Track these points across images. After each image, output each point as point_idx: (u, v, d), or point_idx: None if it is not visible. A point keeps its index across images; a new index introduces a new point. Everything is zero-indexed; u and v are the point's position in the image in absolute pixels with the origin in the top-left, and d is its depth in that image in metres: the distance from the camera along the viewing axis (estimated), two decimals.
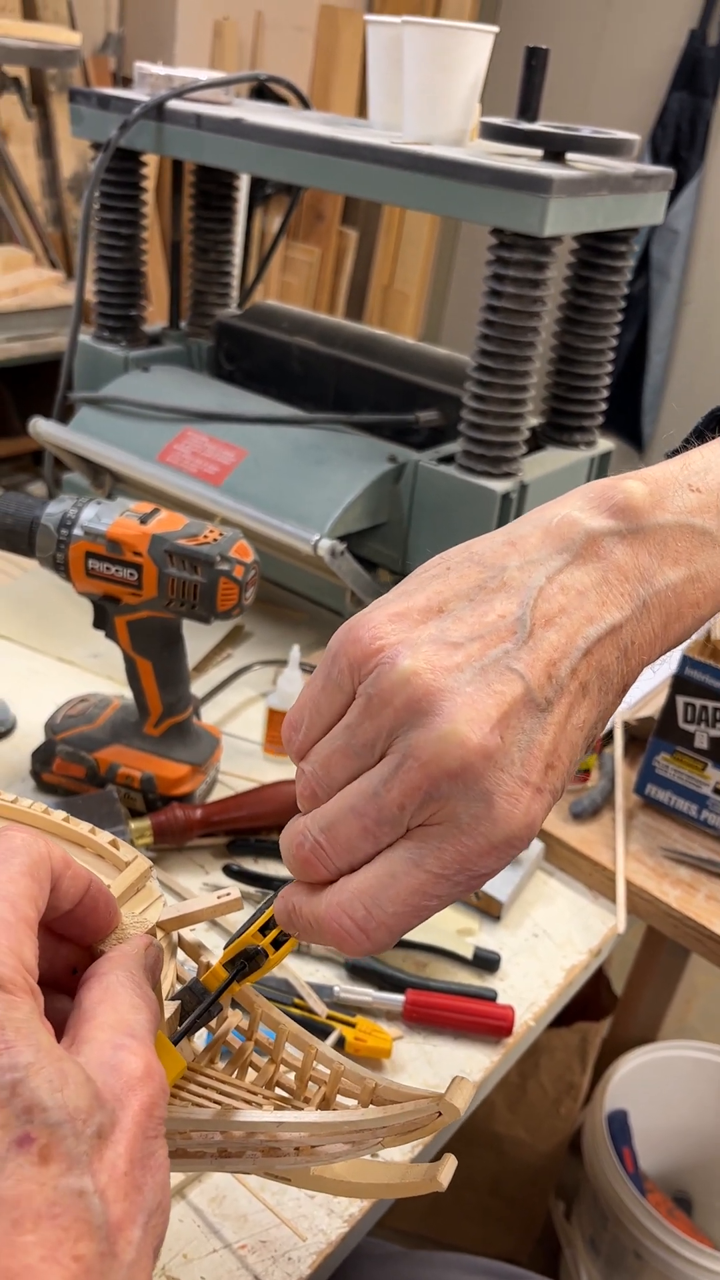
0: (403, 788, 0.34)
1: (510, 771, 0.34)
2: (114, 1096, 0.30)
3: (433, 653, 0.35)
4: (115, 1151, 0.29)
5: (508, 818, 0.34)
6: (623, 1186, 1.17)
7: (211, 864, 0.83)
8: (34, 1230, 0.27)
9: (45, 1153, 0.28)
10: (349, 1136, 0.41)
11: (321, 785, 0.37)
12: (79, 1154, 0.28)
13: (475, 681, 0.34)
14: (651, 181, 1.00)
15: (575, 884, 0.88)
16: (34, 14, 2.78)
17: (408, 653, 0.35)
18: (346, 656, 0.36)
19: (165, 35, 3.04)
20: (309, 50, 3.42)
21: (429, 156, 0.92)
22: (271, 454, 1.08)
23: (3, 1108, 0.28)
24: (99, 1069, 0.31)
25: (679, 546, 0.37)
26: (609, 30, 3.34)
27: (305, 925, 0.37)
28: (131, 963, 0.37)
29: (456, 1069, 0.70)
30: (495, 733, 0.33)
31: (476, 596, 0.36)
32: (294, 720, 0.39)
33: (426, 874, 0.34)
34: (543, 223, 0.88)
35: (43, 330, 2.48)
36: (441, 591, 0.37)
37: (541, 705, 0.34)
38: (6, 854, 0.34)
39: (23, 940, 0.31)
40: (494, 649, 0.35)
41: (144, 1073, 0.31)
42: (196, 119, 1.08)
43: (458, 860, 0.34)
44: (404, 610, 0.36)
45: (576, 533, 0.36)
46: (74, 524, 0.78)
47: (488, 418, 0.98)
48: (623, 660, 0.36)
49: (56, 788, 0.86)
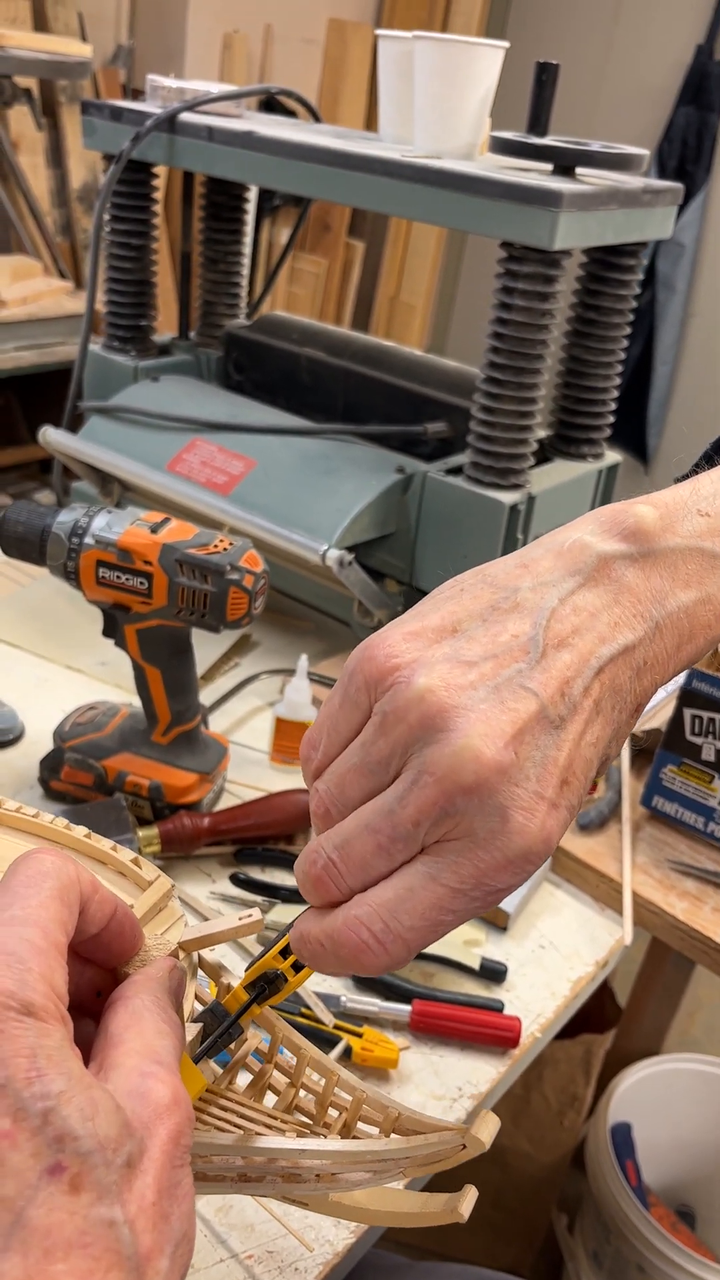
0: (418, 804, 0.34)
1: (525, 787, 0.34)
2: (142, 1125, 0.30)
3: (447, 671, 0.35)
4: (144, 1181, 0.29)
5: (524, 832, 0.34)
6: (626, 1199, 1.16)
7: (219, 873, 0.83)
8: (65, 1260, 0.27)
9: (76, 1182, 0.28)
10: (371, 1165, 0.41)
11: (335, 803, 0.37)
12: (109, 1183, 0.28)
13: (489, 699, 0.34)
14: (660, 196, 1.00)
15: (582, 896, 0.88)
16: (45, 26, 2.80)
17: (423, 671, 0.35)
18: (362, 674, 0.37)
19: (175, 48, 3.06)
20: (317, 63, 3.44)
21: (440, 170, 0.93)
22: (280, 464, 1.08)
23: (34, 1136, 0.28)
24: (127, 1097, 0.31)
25: (690, 569, 0.37)
26: (616, 45, 3.35)
27: (318, 945, 0.36)
28: (157, 986, 0.37)
29: (463, 1080, 0.70)
30: (510, 748, 0.34)
31: (490, 617, 0.36)
32: (312, 739, 0.39)
33: (444, 888, 0.34)
34: (553, 236, 0.88)
35: (51, 339, 2.50)
36: (455, 612, 0.37)
37: (555, 722, 0.35)
38: (38, 877, 0.34)
39: (54, 966, 0.31)
40: (507, 668, 0.35)
41: (171, 1101, 0.31)
42: (208, 131, 1.09)
43: (475, 875, 0.34)
44: (419, 630, 0.37)
45: (588, 556, 0.37)
46: (85, 532, 0.78)
47: (496, 429, 0.98)
48: (636, 680, 0.36)
49: (64, 795, 0.86)
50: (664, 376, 3.40)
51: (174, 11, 3.03)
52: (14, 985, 0.29)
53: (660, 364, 3.36)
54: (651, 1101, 1.31)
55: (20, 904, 0.32)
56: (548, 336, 0.96)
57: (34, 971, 0.30)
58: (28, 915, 0.32)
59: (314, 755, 0.39)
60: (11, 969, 0.30)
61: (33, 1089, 0.28)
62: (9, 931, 0.31)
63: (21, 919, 0.32)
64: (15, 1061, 0.28)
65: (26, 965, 0.30)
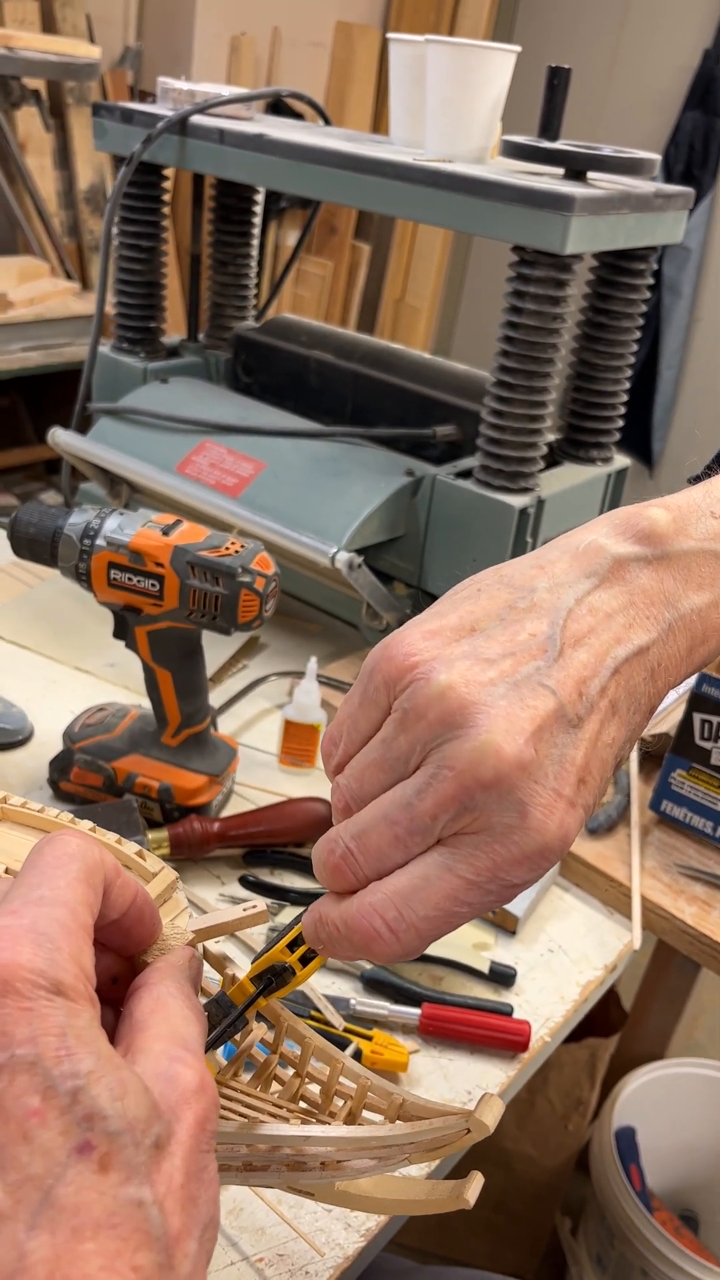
0: (436, 797, 0.34)
1: (544, 784, 0.34)
2: (170, 1108, 0.30)
3: (467, 668, 0.35)
4: (172, 1164, 0.29)
5: (542, 828, 0.34)
6: (630, 1204, 1.16)
7: (228, 875, 0.83)
8: (94, 1239, 0.26)
9: (105, 1161, 0.28)
10: (376, 1152, 0.41)
11: (355, 798, 0.38)
12: (138, 1164, 0.28)
13: (509, 696, 0.35)
14: (671, 200, 1.00)
15: (590, 900, 0.88)
16: (53, 28, 2.80)
17: (442, 668, 0.35)
18: (382, 673, 0.37)
19: (183, 50, 3.06)
20: (324, 66, 3.45)
21: (451, 174, 0.93)
22: (289, 467, 1.08)
23: (64, 1115, 0.27)
24: (155, 1080, 0.31)
25: (703, 572, 0.38)
26: (623, 49, 3.36)
27: (332, 931, 0.37)
28: (179, 973, 0.37)
29: (472, 1083, 0.70)
30: (530, 745, 0.34)
31: (507, 616, 0.37)
32: (333, 735, 0.39)
33: (459, 879, 0.34)
34: (564, 241, 0.88)
35: (58, 340, 2.50)
36: (474, 611, 0.38)
37: (573, 721, 0.35)
38: (64, 859, 0.34)
39: (82, 947, 0.31)
40: (526, 665, 0.35)
41: (198, 1086, 0.31)
42: (220, 134, 1.09)
43: (490, 868, 0.34)
44: (437, 628, 0.37)
45: (603, 558, 0.38)
46: (97, 534, 0.78)
47: (506, 433, 0.98)
48: (650, 681, 0.37)
49: (74, 796, 0.87)
50: (669, 381, 3.40)
51: (182, 14, 3.04)
52: (44, 964, 0.29)
53: (665, 368, 3.37)
54: (655, 1106, 1.30)
55: (48, 884, 0.32)
56: (558, 340, 0.96)
57: (63, 951, 0.30)
58: (56, 896, 0.32)
59: (335, 752, 0.39)
60: (41, 948, 0.30)
61: (62, 1067, 0.28)
62: (38, 911, 0.31)
63: (50, 899, 0.32)
64: (45, 1040, 0.28)
65: (56, 945, 0.30)
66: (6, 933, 0.30)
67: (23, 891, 0.32)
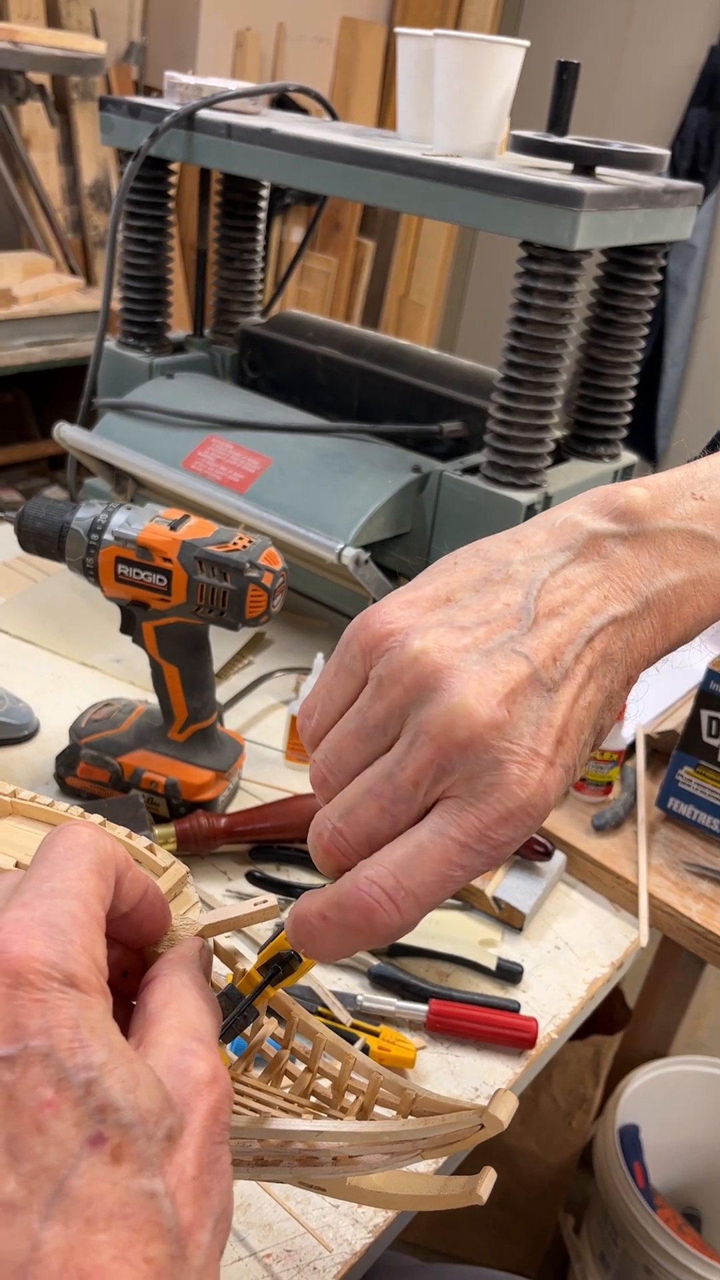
0: (416, 763, 0.35)
1: (520, 743, 0.34)
2: (182, 1100, 0.30)
3: (441, 635, 0.36)
4: (184, 1155, 0.29)
5: (521, 784, 0.34)
6: (634, 1201, 1.16)
7: (235, 871, 0.83)
8: (106, 1230, 0.26)
9: (117, 1153, 0.27)
10: (388, 1147, 0.41)
11: (333, 770, 0.38)
12: (150, 1156, 0.28)
13: (481, 662, 0.35)
14: (680, 196, 1.00)
15: (597, 897, 0.87)
16: (58, 22, 2.80)
17: (417, 635, 0.36)
18: (358, 642, 0.37)
19: (187, 45, 3.06)
20: (329, 61, 3.44)
21: (460, 169, 0.93)
22: (296, 462, 1.08)
23: (77, 1106, 0.27)
24: (168, 1073, 0.31)
25: (680, 550, 0.38)
26: (629, 45, 3.35)
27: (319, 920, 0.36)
28: (192, 964, 0.37)
29: (479, 1080, 0.70)
30: (502, 707, 0.34)
31: (483, 588, 0.37)
32: (307, 708, 0.40)
33: (451, 841, 0.34)
34: (573, 236, 0.88)
35: (62, 336, 2.50)
36: (449, 583, 0.38)
37: (549, 685, 0.35)
38: (76, 849, 0.34)
39: (95, 939, 0.31)
40: (499, 634, 0.36)
41: (211, 1077, 0.31)
42: (227, 128, 1.08)
43: (478, 828, 0.34)
44: (413, 599, 0.38)
45: (579, 533, 0.38)
46: (104, 529, 0.78)
47: (514, 429, 0.98)
48: (626, 651, 0.37)
49: (80, 791, 0.86)
50: (674, 378, 3.39)
51: (187, 9, 3.03)
52: (57, 956, 0.29)
53: (670, 365, 3.36)
54: (659, 1103, 1.30)
55: (60, 876, 0.32)
56: (566, 336, 0.95)
57: (76, 943, 0.30)
58: (67, 887, 0.32)
59: (308, 724, 0.40)
60: (54, 940, 0.30)
61: (75, 1059, 0.28)
62: (50, 904, 0.31)
63: (61, 891, 0.32)
64: (58, 1032, 0.28)
65: (69, 937, 0.30)
66: (19, 925, 0.30)
67: (34, 884, 0.32)
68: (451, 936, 0.79)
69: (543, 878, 0.84)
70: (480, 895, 0.82)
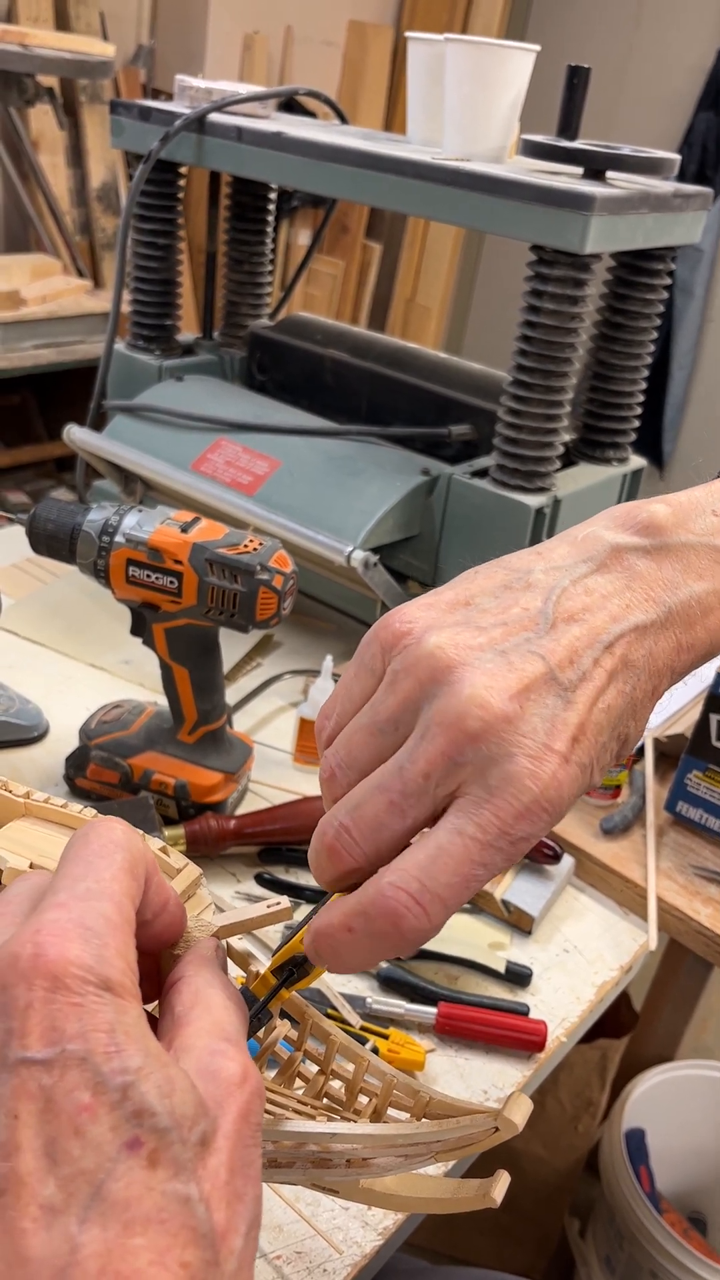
0: (427, 756, 0.35)
1: (533, 737, 0.34)
2: (215, 1103, 0.30)
3: (457, 633, 0.36)
4: (218, 1159, 0.29)
5: (534, 778, 0.34)
6: (640, 1205, 1.16)
7: (244, 872, 0.83)
8: (143, 1234, 0.27)
9: (153, 1157, 0.28)
10: (402, 1149, 0.41)
11: (342, 766, 0.38)
12: (185, 1160, 0.28)
13: (496, 659, 0.35)
14: (690, 200, 1.00)
15: (606, 900, 0.87)
16: (66, 25, 2.80)
17: (433, 633, 0.36)
18: (378, 641, 0.38)
19: (196, 48, 3.06)
20: (337, 65, 3.45)
21: (470, 172, 0.93)
22: (305, 465, 1.08)
23: (113, 1110, 0.28)
24: (199, 1075, 0.31)
25: (702, 564, 0.38)
26: (636, 49, 3.35)
27: (343, 932, 0.36)
28: (213, 964, 0.37)
29: (489, 1083, 0.70)
30: (515, 701, 0.34)
31: (502, 594, 0.38)
32: (327, 709, 0.40)
33: (471, 840, 0.34)
34: (584, 240, 0.88)
35: (70, 338, 2.50)
36: (469, 589, 0.39)
37: (565, 685, 0.35)
38: (109, 847, 0.33)
39: (128, 942, 0.31)
40: (516, 636, 0.36)
41: (241, 1077, 0.31)
42: (237, 132, 1.09)
43: (495, 824, 0.34)
44: (433, 602, 0.38)
45: (601, 545, 0.38)
46: (116, 531, 0.78)
47: (523, 432, 0.98)
48: (649, 660, 0.37)
49: (90, 793, 0.87)
50: (680, 382, 3.39)
51: (195, 12, 3.04)
52: (93, 960, 0.29)
53: (677, 369, 3.36)
54: (665, 1107, 1.30)
55: (94, 875, 0.32)
56: (576, 340, 0.96)
57: (110, 947, 0.30)
58: (102, 888, 0.32)
59: (327, 724, 0.40)
60: (89, 944, 0.30)
61: (112, 1064, 0.28)
62: (85, 905, 0.31)
63: (96, 892, 0.31)
64: (95, 1036, 0.28)
65: (104, 940, 0.30)
66: (55, 927, 0.30)
67: (68, 883, 0.32)
68: (460, 939, 0.79)
69: (551, 881, 0.85)
70: (489, 898, 0.82)
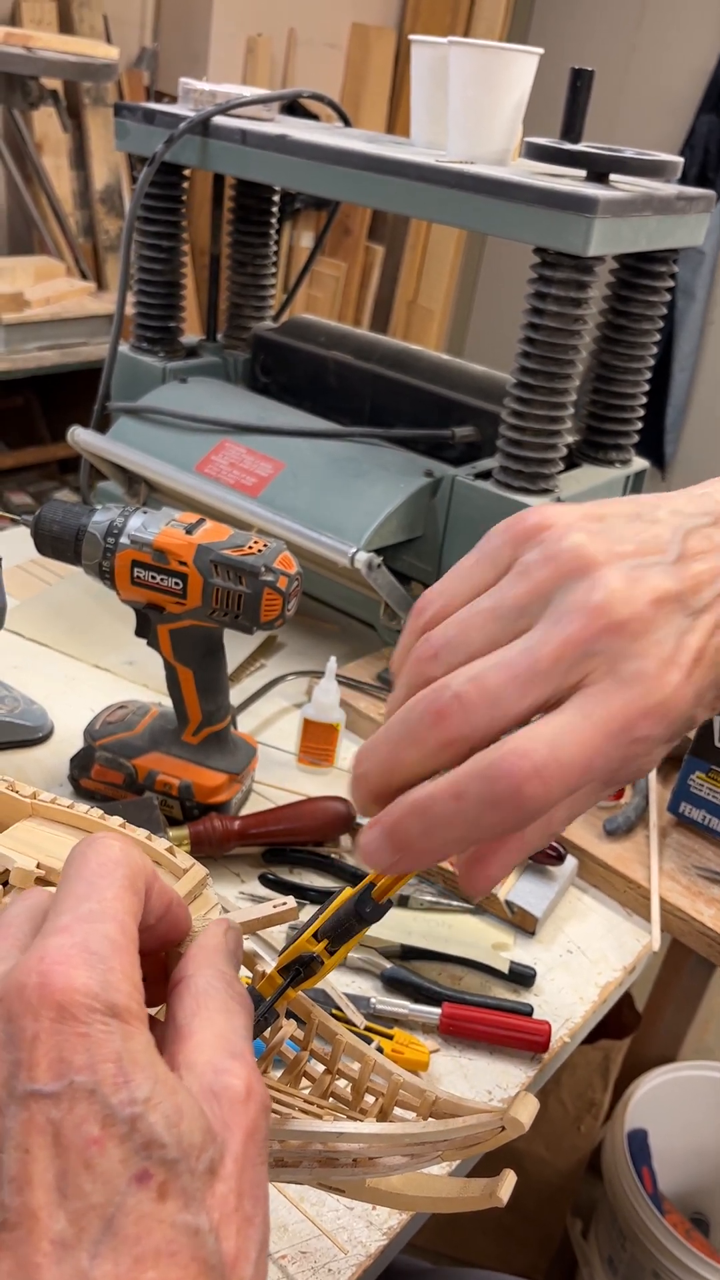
0: (562, 637, 0.34)
1: (664, 644, 0.34)
2: (221, 1124, 0.30)
3: (598, 537, 0.36)
4: (226, 1186, 0.29)
5: (663, 680, 0.34)
6: (643, 1206, 1.16)
7: (248, 873, 0.83)
8: (154, 1267, 0.26)
9: (163, 1189, 0.27)
10: (408, 1149, 0.41)
11: (450, 645, 0.36)
12: (194, 1190, 0.28)
13: (635, 569, 0.35)
14: (693, 203, 1.00)
15: (609, 901, 0.88)
16: (70, 28, 2.81)
17: (576, 531, 0.36)
18: (509, 532, 0.37)
19: (199, 51, 3.07)
20: (340, 67, 3.45)
21: (474, 175, 0.93)
22: (309, 467, 1.08)
23: (123, 1143, 0.27)
24: (203, 1096, 0.30)
25: None
26: (638, 52, 3.35)
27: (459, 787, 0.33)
28: (218, 957, 0.36)
29: (492, 1083, 0.70)
30: (652, 608, 0.35)
31: (634, 521, 0.38)
32: (432, 592, 0.38)
33: (597, 726, 0.33)
34: (587, 243, 0.88)
35: (73, 339, 2.51)
36: (602, 509, 0.39)
37: (692, 610, 0.35)
38: (109, 865, 0.33)
39: (133, 962, 0.31)
40: (650, 556, 0.36)
41: (246, 1094, 0.31)
42: (242, 134, 1.09)
43: (622, 715, 0.33)
44: (569, 509, 0.38)
45: (717, 504, 0.39)
46: (121, 532, 0.78)
47: (526, 434, 0.98)
48: None
49: (94, 794, 0.87)
50: (682, 384, 3.40)
51: (198, 15, 3.04)
52: (99, 986, 0.29)
53: (678, 371, 3.36)
54: (667, 1108, 1.30)
55: (96, 896, 0.32)
56: (579, 342, 0.96)
57: (116, 970, 0.30)
58: (104, 909, 0.31)
59: (429, 607, 0.38)
60: (95, 969, 0.29)
61: (120, 1095, 0.28)
62: (89, 928, 0.30)
63: (99, 913, 0.31)
64: (103, 1067, 0.28)
65: (109, 964, 0.30)
66: (60, 953, 0.29)
67: (71, 904, 0.32)
68: (464, 940, 0.80)
69: (555, 882, 0.85)
70: (493, 899, 0.82)
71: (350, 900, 0.43)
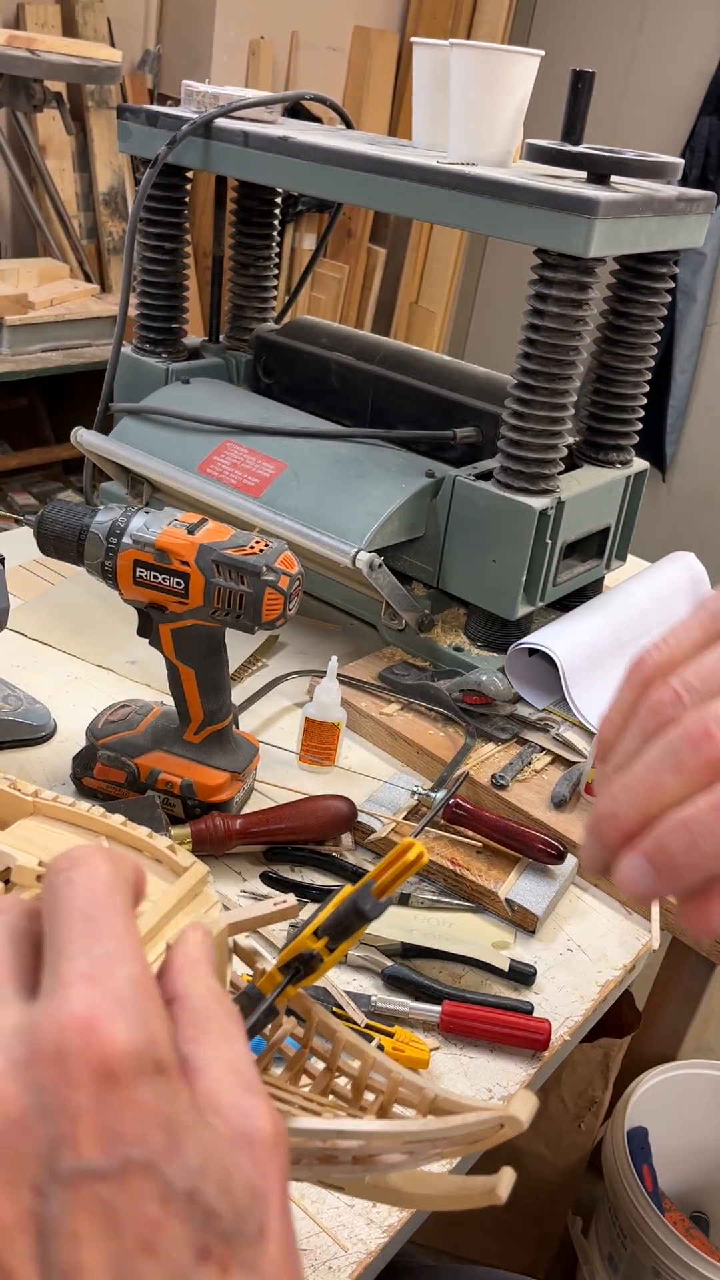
0: None
1: None
2: (260, 1173, 0.28)
3: None
4: (275, 1245, 0.27)
5: None
6: (643, 1204, 1.16)
7: (249, 871, 0.84)
8: None
9: (224, 1263, 0.26)
10: (408, 1146, 0.42)
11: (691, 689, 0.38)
12: (251, 1259, 0.26)
13: None
14: (694, 205, 1.01)
15: (609, 899, 0.88)
16: (73, 31, 2.81)
17: None
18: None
19: (202, 54, 3.07)
20: (342, 70, 3.46)
21: (475, 177, 0.94)
22: (310, 467, 1.09)
23: (185, 1221, 0.25)
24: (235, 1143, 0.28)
25: None
26: (639, 54, 3.36)
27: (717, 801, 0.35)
28: (203, 972, 0.33)
29: (492, 1081, 0.71)
30: None
31: None
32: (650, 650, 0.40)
33: None
34: (588, 244, 0.89)
35: (77, 341, 2.52)
36: None
37: None
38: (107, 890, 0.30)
39: (160, 1002, 0.29)
40: None
41: (274, 1138, 0.29)
42: (244, 136, 1.09)
43: None
44: None
45: None
46: (123, 532, 0.79)
47: (527, 435, 0.99)
48: None
49: (96, 792, 0.87)
50: (682, 385, 3.40)
51: (201, 18, 3.05)
52: (143, 1043, 0.26)
53: (679, 372, 3.36)
54: (667, 1107, 1.31)
55: (109, 933, 0.29)
56: (580, 343, 0.96)
57: (152, 1019, 0.27)
58: (121, 948, 0.29)
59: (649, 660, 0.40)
60: (133, 1023, 0.26)
61: (174, 1167, 0.26)
62: (113, 975, 0.28)
63: (117, 954, 0.28)
64: (155, 1136, 0.26)
65: (145, 1013, 0.27)
66: (94, 1007, 0.26)
67: (82, 945, 0.28)
68: (464, 938, 0.80)
69: (555, 880, 0.85)
70: (493, 897, 0.83)
71: (350, 897, 0.43)
